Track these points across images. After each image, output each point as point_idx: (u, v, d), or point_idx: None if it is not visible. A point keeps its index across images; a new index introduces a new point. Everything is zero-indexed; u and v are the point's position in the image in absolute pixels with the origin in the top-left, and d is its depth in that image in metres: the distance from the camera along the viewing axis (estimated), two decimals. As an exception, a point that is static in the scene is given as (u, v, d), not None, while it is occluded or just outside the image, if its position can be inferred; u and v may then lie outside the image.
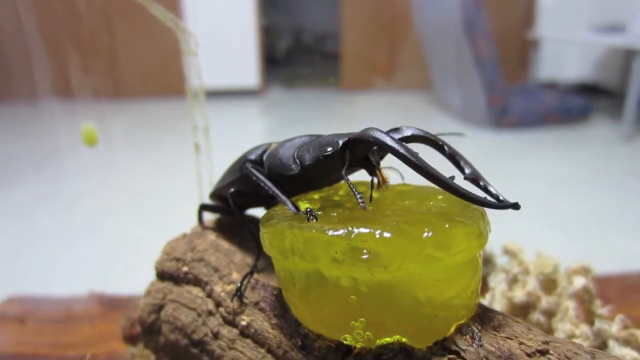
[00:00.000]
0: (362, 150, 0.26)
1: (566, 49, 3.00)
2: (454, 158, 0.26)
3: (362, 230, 0.21)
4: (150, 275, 0.40)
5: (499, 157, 1.94)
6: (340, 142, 0.26)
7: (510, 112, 2.24)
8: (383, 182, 0.27)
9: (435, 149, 0.26)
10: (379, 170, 0.27)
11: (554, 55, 2.95)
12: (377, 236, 0.21)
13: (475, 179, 0.25)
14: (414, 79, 2.92)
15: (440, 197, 0.27)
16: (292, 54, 4.28)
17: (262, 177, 0.30)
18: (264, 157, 0.32)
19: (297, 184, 0.29)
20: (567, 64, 3.00)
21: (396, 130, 0.27)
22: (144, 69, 2.87)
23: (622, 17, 2.59)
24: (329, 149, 0.26)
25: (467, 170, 0.25)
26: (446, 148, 0.26)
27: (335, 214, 0.25)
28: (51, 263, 1.05)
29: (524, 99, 2.34)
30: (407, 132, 0.26)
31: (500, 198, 0.24)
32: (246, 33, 2.95)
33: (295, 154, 0.29)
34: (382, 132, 0.24)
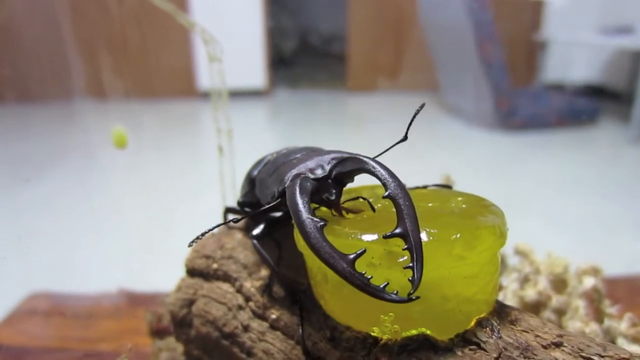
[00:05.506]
0: None
1: (574, 51, 3.00)
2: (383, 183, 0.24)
3: None
4: (170, 272, 0.42)
5: (507, 160, 1.95)
6: (271, 198, 0.28)
7: (517, 114, 2.24)
8: (343, 215, 0.27)
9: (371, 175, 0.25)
10: (338, 204, 0.26)
11: (561, 57, 2.95)
12: None
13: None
14: (420, 80, 2.93)
15: (460, 198, 0.29)
16: (299, 56, 4.30)
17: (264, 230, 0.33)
18: (256, 181, 0.34)
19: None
20: (574, 66, 3.00)
21: (347, 160, 0.26)
22: (165, 70, 2.92)
23: (630, 19, 2.59)
24: (272, 198, 0.28)
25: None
26: (379, 175, 0.25)
27: (365, 215, 0.27)
28: (72, 259, 1.08)
29: (531, 102, 2.35)
30: (348, 167, 0.26)
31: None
32: (253, 34, 2.98)
33: (264, 189, 0.31)
34: (295, 191, 0.24)
